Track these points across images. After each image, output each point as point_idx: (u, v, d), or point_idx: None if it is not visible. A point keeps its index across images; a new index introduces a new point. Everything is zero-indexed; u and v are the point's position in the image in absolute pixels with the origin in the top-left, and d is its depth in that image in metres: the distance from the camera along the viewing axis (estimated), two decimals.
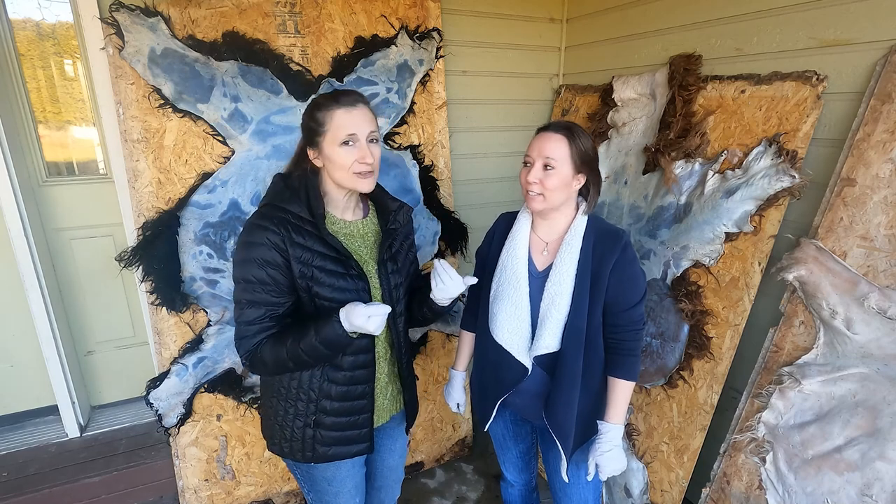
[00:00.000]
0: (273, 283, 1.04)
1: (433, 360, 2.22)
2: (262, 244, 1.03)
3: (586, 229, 1.21)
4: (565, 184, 1.17)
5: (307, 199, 1.08)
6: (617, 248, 1.17)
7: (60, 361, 2.12)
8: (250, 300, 1.05)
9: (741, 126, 1.56)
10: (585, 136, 1.18)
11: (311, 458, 1.20)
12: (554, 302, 1.19)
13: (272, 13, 1.75)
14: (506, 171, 2.50)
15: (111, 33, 1.57)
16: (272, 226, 1.03)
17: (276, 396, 1.18)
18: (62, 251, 2.19)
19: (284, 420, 1.18)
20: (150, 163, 1.68)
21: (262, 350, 1.06)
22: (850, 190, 1.30)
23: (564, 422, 1.25)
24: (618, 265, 1.17)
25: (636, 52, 2.03)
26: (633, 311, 1.20)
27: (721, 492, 1.57)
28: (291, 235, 1.05)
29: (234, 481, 1.95)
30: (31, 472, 2.02)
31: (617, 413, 1.24)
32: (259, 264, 1.03)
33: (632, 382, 1.24)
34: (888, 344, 1.24)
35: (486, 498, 2.15)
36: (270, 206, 1.08)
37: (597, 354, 1.23)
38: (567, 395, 1.23)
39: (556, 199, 1.18)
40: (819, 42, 1.42)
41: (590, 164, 1.19)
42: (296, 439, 1.18)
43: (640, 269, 1.21)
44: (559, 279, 1.18)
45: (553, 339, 1.21)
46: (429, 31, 1.99)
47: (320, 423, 1.17)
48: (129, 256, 1.68)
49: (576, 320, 1.18)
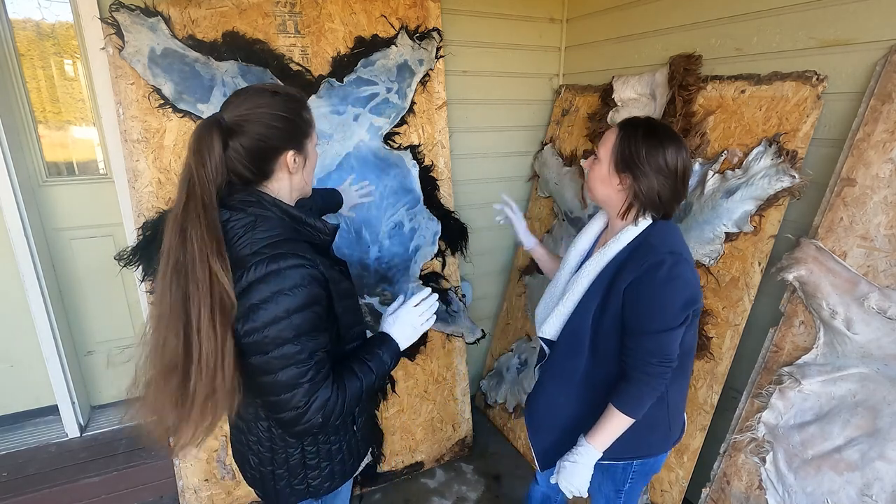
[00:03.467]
0: (321, 321, 0.91)
1: (433, 360, 2.22)
2: (304, 285, 0.85)
3: (634, 240, 1.11)
4: (602, 179, 1.13)
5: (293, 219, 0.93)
6: (641, 267, 1.05)
7: (60, 361, 2.12)
8: (312, 351, 0.87)
9: (741, 126, 1.56)
10: (649, 141, 1.06)
11: (355, 468, 1.15)
12: (567, 293, 1.19)
13: (272, 13, 1.75)
14: (506, 171, 2.50)
15: (111, 33, 1.57)
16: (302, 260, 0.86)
17: (313, 443, 1.05)
18: (62, 251, 2.19)
19: (332, 453, 1.07)
20: (150, 163, 1.68)
21: (339, 393, 0.91)
22: (850, 190, 1.30)
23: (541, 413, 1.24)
24: (634, 284, 1.06)
25: (636, 52, 2.03)
26: (647, 340, 1.06)
27: (721, 492, 1.57)
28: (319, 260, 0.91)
29: (234, 481, 1.95)
30: (31, 472, 2.02)
31: (596, 434, 1.13)
32: (309, 309, 0.86)
33: (620, 413, 1.10)
34: (888, 344, 1.24)
35: (486, 498, 2.15)
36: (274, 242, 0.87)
37: (608, 367, 1.16)
38: (551, 388, 1.23)
39: (596, 192, 1.17)
40: (819, 42, 1.42)
41: (635, 170, 1.07)
42: (346, 459, 1.11)
43: (674, 298, 1.04)
44: (580, 275, 1.18)
45: (552, 328, 1.21)
46: (429, 31, 1.99)
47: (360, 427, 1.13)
48: (128, 256, 1.68)
49: (579, 320, 1.16)
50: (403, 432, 2.20)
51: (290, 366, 0.85)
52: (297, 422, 0.87)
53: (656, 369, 1.07)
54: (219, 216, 0.85)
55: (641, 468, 1.26)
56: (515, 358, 2.49)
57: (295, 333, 0.84)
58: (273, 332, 0.83)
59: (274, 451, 1.03)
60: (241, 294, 0.83)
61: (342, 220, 1.96)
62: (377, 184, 2.00)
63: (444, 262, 2.20)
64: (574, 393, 1.21)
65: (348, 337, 1.04)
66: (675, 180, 1.07)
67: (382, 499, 2.13)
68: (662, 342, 1.06)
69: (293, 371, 0.85)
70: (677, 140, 1.08)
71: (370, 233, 2.02)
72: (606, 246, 1.14)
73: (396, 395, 2.15)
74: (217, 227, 0.83)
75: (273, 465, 1.04)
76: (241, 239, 0.86)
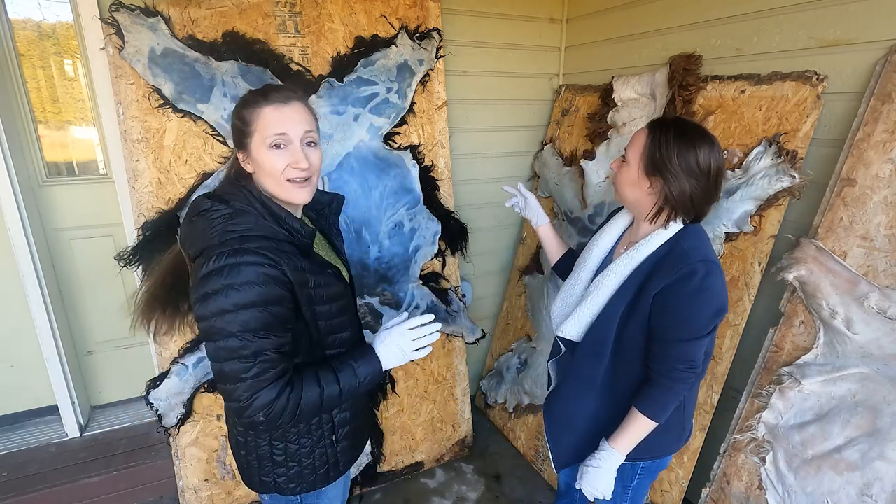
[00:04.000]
0: (278, 322, 0.90)
1: (433, 360, 2.22)
2: (258, 283, 0.86)
3: (666, 243, 1.09)
4: (631, 182, 1.10)
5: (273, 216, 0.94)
6: (671, 275, 1.03)
7: (60, 361, 2.12)
8: (258, 349, 0.87)
9: (741, 126, 1.56)
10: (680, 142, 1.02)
11: (333, 478, 1.12)
12: (590, 295, 1.16)
13: (272, 13, 1.75)
14: (506, 171, 2.50)
15: (111, 33, 1.57)
16: (263, 259, 0.87)
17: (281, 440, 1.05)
18: (62, 251, 2.19)
19: (301, 456, 1.07)
20: (150, 163, 1.68)
21: (289, 397, 0.90)
22: (850, 190, 1.30)
23: (561, 414, 1.24)
24: (665, 292, 1.04)
25: (636, 52, 2.03)
26: (674, 347, 1.05)
27: (721, 492, 1.57)
28: (285, 262, 0.90)
29: (234, 481, 1.95)
30: (30, 472, 2.02)
31: (620, 439, 1.14)
32: (261, 307, 0.86)
33: (644, 417, 1.10)
34: (888, 344, 1.24)
35: (486, 498, 2.15)
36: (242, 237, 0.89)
37: (629, 371, 1.14)
38: (572, 389, 1.22)
39: (624, 194, 1.14)
40: (819, 42, 1.42)
41: (666, 173, 1.03)
42: (319, 467, 1.09)
43: (703, 308, 1.03)
44: (606, 277, 1.14)
45: (575, 329, 1.19)
46: (429, 31, 1.99)
47: (341, 439, 1.11)
48: (128, 256, 1.68)
49: (604, 323, 1.14)
50: (403, 432, 2.20)
51: (233, 359, 0.86)
52: (240, 414, 0.89)
53: (682, 374, 1.07)
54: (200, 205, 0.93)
55: (650, 466, 1.27)
56: (515, 358, 2.49)
57: (240, 329, 0.85)
58: (220, 323, 0.85)
59: (246, 438, 1.06)
60: (200, 280, 0.86)
61: (342, 220, 1.96)
62: (377, 184, 2.00)
63: (444, 262, 2.20)
64: (595, 395, 1.20)
65: (330, 343, 1.03)
66: (707, 182, 1.04)
67: (382, 499, 2.13)
68: (689, 350, 1.05)
69: (237, 365, 0.87)
70: (709, 139, 1.04)
71: (370, 233, 2.02)
72: (635, 249, 1.11)
73: (396, 395, 2.15)
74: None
75: (245, 452, 1.08)
76: (214, 229, 0.89)
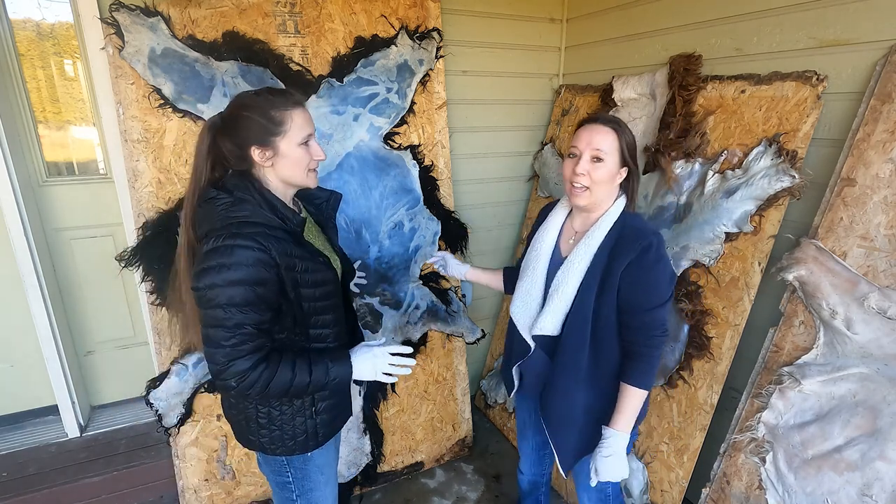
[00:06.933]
0: (261, 301, 1.02)
1: (433, 360, 2.22)
2: (247, 265, 0.98)
3: (614, 225, 1.19)
4: (611, 176, 1.17)
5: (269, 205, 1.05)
6: (634, 250, 1.13)
7: (60, 361, 2.12)
8: (239, 322, 0.99)
9: (741, 126, 1.56)
10: (629, 130, 1.19)
11: (312, 447, 1.21)
12: (559, 288, 1.20)
13: (272, 13, 1.75)
14: (506, 171, 2.50)
15: (111, 33, 1.57)
16: (254, 243, 0.99)
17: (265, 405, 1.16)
18: (62, 251, 2.19)
19: (282, 422, 1.16)
20: (150, 163, 1.68)
21: (262, 371, 1.02)
22: (850, 190, 1.30)
23: (559, 411, 1.26)
24: (632, 267, 1.13)
25: (636, 52, 2.03)
26: (647, 316, 1.16)
27: (721, 492, 1.57)
28: (275, 247, 1.02)
29: (234, 481, 1.95)
30: (30, 472, 2.02)
31: (621, 419, 1.20)
32: (247, 286, 0.99)
33: (639, 390, 1.18)
34: (888, 344, 1.24)
35: (486, 498, 2.15)
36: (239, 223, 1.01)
37: (608, 353, 1.21)
38: (564, 383, 1.24)
39: (601, 193, 1.18)
40: (819, 42, 1.42)
41: (634, 158, 1.19)
42: (298, 434, 1.18)
43: (663, 275, 1.16)
44: (569, 267, 1.20)
45: (552, 324, 1.23)
46: (429, 31, 1.99)
47: (320, 411, 1.19)
48: (129, 256, 1.68)
49: (579, 310, 1.19)
50: (403, 432, 2.20)
51: (217, 327, 1.00)
52: (216, 376, 1.02)
53: (658, 340, 1.17)
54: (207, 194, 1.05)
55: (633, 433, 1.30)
56: None
57: (226, 301, 0.98)
58: (210, 294, 0.98)
59: (238, 400, 1.18)
60: (202, 257, 1.00)
61: (342, 220, 1.96)
62: (377, 184, 2.00)
63: None
64: (583, 387, 1.24)
65: (313, 324, 1.14)
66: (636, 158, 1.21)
67: (382, 499, 2.13)
68: (660, 315, 1.17)
69: (220, 333, 1.00)
70: None
71: (370, 233, 2.02)
72: (589, 235, 1.19)
73: (396, 395, 2.15)
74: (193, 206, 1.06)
75: (236, 412, 1.20)
76: (217, 214, 1.03)
